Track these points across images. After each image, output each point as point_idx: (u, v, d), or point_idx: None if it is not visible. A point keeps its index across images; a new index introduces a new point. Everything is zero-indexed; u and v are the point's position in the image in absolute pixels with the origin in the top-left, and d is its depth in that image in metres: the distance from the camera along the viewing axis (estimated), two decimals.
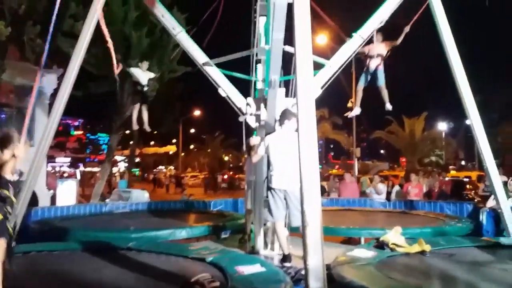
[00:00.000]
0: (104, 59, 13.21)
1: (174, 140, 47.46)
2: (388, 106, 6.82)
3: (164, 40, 13.10)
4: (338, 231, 6.09)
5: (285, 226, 4.88)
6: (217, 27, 7.41)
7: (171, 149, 52.18)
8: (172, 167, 56.34)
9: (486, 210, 6.96)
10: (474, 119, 5.82)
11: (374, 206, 9.38)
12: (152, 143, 51.42)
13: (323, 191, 11.53)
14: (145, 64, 8.12)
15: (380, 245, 4.30)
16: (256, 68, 5.74)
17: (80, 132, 70.30)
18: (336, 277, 3.29)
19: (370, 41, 6.47)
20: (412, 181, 10.25)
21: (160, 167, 59.92)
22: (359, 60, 7.00)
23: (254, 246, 5.30)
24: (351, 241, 6.42)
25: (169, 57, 13.40)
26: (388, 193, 10.22)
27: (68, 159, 54.39)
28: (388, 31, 6.43)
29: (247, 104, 5.46)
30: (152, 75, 8.25)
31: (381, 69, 6.59)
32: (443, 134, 39.73)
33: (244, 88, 5.81)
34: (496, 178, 5.83)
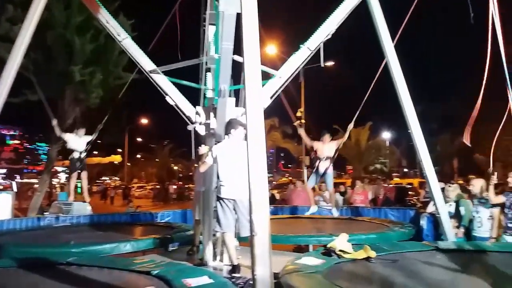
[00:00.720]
0: (43, 65, 12.62)
1: (119, 150, 45.84)
2: (334, 213, 7.05)
3: (109, 46, 12.69)
4: (287, 239, 6.14)
5: (235, 237, 4.84)
6: (166, 34, 7.29)
7: (116, 159, 50.25)
8: (117, 178, 54.35)
9: (426, 215, 7.34)
10: (415, 129, 6.13)
11: (323, 213, 9.58)
12: (95, 152, 49.31)
13: (273, 200, 11.61)
14: (82, 131, 7.77)
15: (328, 252, 4.36)
16: (205, 77, 5.69)
17: (17, 142, 66.09)
18: (284, 286, 3.29)
19: (319, 139, 6.70)
20: (357, 188, 10.60)
21: (104, 178, 57.59)
22: (308, 71, 7.22)
23: (203, 257, 5.20)
24: (301, 249, 6.49)
25: (114, 64, 12.99)
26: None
27: (4, 170, 50.88)
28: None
29: (196, 113, 5.38)
30: (89, 138, 7.88)
31: (329, 173, 6.86)
32: (387, 143, 41.78)
33: (193, 96, 5.73)
34: (435, 184, 6.16)
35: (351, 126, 6.66)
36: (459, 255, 4.72)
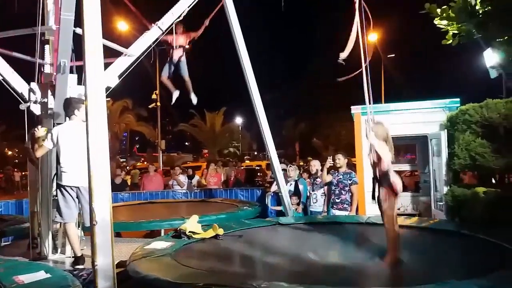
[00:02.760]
0: None
1: None
2: (193, 97, 7.10)
3: None
4: (138, 225, 5.97)
5: (79, 226, 4.51)
6: None
7: None
8: None
9: (271, 194, 8.00)
10: (260, 115, 6.57)
11: (177, 197, 9.60)
12: None
13: (125, 185, 11.13)
14: None
15: (178, 235, 4.41)
16: (43, 50, 5.06)
17: None
18: (131, 273, 3.20)
19: (172, 32, 6.57)
20: (211, 170, 10.91)
21: None
22: (164, 52, 7.04)
23: (41, 251, 4.70)
24: (153, 234, 6.39)
25: None
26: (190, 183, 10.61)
27: None
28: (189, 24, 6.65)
29: (31, 90, 4.75)
30: None
31: (183, 60, 6.82)
32: (240, 128, 43.97)
33: (28, 71, 5.03)
34: (277, 166, 6.74)
35: (206, 22, 6.77)
36: (296, 227, 5.31)
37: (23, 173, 29.96)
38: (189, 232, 4.43)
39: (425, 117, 6.94)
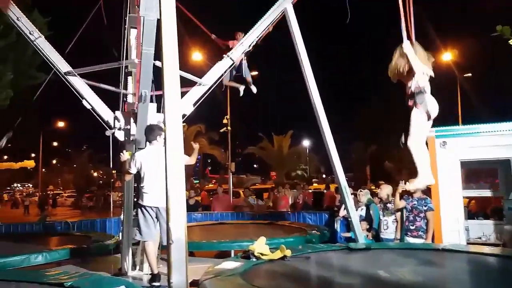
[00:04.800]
0: None
1: (33, 154, 42.36)
2: (253, 88, 7.43)
3: (21, 44, 11.78)
4: (210, 245, 6.19)
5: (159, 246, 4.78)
6: (85, 35, 6.98)
7: (29, 164, 46.31)
8: (30, 185, 50.17)
9: (340, 218, 7.84)
10: (327, 138, 6.54)
11: (246, 218, 9.78)
12: (5, 157, 44.99)
13: (198, 206, 11.57)
14: None
15: (247, 256, 4.50)
16: (126, 81, 5.57)
17: None
18: None
19: (233, 38, 7.00)
20: (279, 193, 10.98)
21: (16, 184, 52.85)
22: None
23: (121, 267, 5.06)
24: (223, 255, 6.57)
25: (27, 63, 12.06)
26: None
27: None
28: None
29: (115, 118, 5.24)
30: None
31: (244, 63, 7.15)
32: (307, 150, 43.78)
33: (113, 100, 5.56)
34: (346, 190, 6.61)
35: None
36: (367, 253, 5.14)
37: (107, 193, 32.40)
38: (258, 253, 4.50)
39: (507, 139, 6.46)
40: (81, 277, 3.81)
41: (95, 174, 49.66)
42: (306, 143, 44.16)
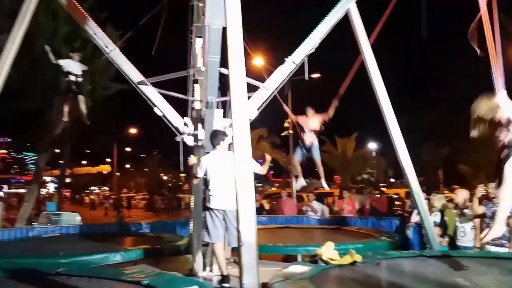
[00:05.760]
0: (31, 75, 12.58)
1: (108, 160, 45.47)
2: (323, 183, 7.13)
3: (97, 56, 12.69)
4: (276, 249, 6.20)
5: (229, 246, 4.88)
6: (156, 42, 7.35)
7: (105, 168, 49.79)
8: (106, 188, 53.83)
9: (412, 225, 7.44)
10: (397, 140, 6.26)
11: (311, 223, 9.66)
12: (84, 162, 48.81)
13: (262, 209, 11.66)
14: (77, 56, 7.64)
15: (315, 260, 4.44)
16: (193, 88, 5.77)
17: (4, 151, 65.15)
18: None
19: (303, 113, 6.84)
20: (345, 198, 10.71)
21: (93, 187, 56.98)
22: (294, 82, 7.38)
23: (193, 268, 5.23)
24: (289, 259, 6.54)
25: (101, 74, 12.98)
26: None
27: None
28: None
29: (185, 124, 5.46)
30: (84, 67, 7.86)
31: (315, 145, 6.89)
32: (373, 153, 42.25)
33: (182, 107, 5.80)
34: (419, 195, 6.27)
35: (336, 102, 6.78)
36: (444, 261, 4.84)
37: (178, 195, 33.86)
38: (326, 257, 4.42)
39: None
40: (156, 276, 4.00)
41: (165, 177, 52.11)
42: (372, 145, 42.67)
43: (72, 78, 7.48)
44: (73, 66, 7.51)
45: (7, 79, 5.78)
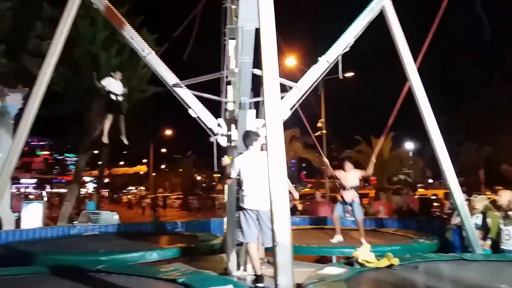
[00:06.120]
0: (71, 79, 13.12)
1: (144, 160, 46.70)
2: (363, 242, 6.99)
3: (134, 60, 13.08)
4: (310, 250, 6.15)
5: (262, 246, 4.89)
6: (188, 47, 7.49)
7: (142, 169, 51.17)
8: (142, 188, 55.29)
9: (452, 227, 7.17)
10: (435, 139, 6.06)
11: (345, 224, 9.50)
12: (121, 163, 50.36)
13: (295, 210, 11.60)
14: (118, 74, 7.85)
15: (350, 262, 4.37)
16: (226, 90, 5.82)
17: (47, 153, 68.23)
18: None
19: (342, 168, 6.94)
20: (381, 199, 10.50)
21: (130, 187, 58.64)
22: (326, 82, 7.29)
23: (227, 267, 5.27)
24: (323, 260, 6.47)
25: (138, 77, 13.35)
26: None
27: (34, 180, 52.55)
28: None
29: (218, 124, 5.51)
30: (125, 90, 8.09)
31: (356, 201, 6.77)
32: (411, 154, 41.04)
33: (215, 108, 5.86)
34: (459, 196, 6.04)
35: (373, 159, 6.70)
36: (486, 265, 4.64)
37: (212, 195, 34.31)
38: (362, 260, 4.34)
39: None
40: (191, 274, 4.07)
41: (199, 177, 52.91)
42: (409, 145, 41.47)
43: (113, 97, 7.72)
44: (114, 86, 7.75)
45: (49, 83, 6.03)
